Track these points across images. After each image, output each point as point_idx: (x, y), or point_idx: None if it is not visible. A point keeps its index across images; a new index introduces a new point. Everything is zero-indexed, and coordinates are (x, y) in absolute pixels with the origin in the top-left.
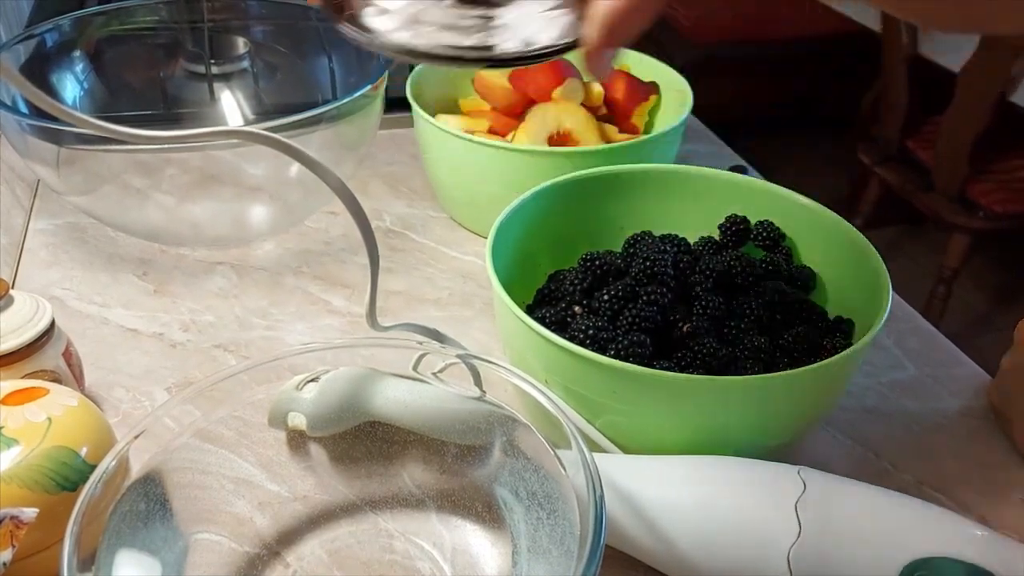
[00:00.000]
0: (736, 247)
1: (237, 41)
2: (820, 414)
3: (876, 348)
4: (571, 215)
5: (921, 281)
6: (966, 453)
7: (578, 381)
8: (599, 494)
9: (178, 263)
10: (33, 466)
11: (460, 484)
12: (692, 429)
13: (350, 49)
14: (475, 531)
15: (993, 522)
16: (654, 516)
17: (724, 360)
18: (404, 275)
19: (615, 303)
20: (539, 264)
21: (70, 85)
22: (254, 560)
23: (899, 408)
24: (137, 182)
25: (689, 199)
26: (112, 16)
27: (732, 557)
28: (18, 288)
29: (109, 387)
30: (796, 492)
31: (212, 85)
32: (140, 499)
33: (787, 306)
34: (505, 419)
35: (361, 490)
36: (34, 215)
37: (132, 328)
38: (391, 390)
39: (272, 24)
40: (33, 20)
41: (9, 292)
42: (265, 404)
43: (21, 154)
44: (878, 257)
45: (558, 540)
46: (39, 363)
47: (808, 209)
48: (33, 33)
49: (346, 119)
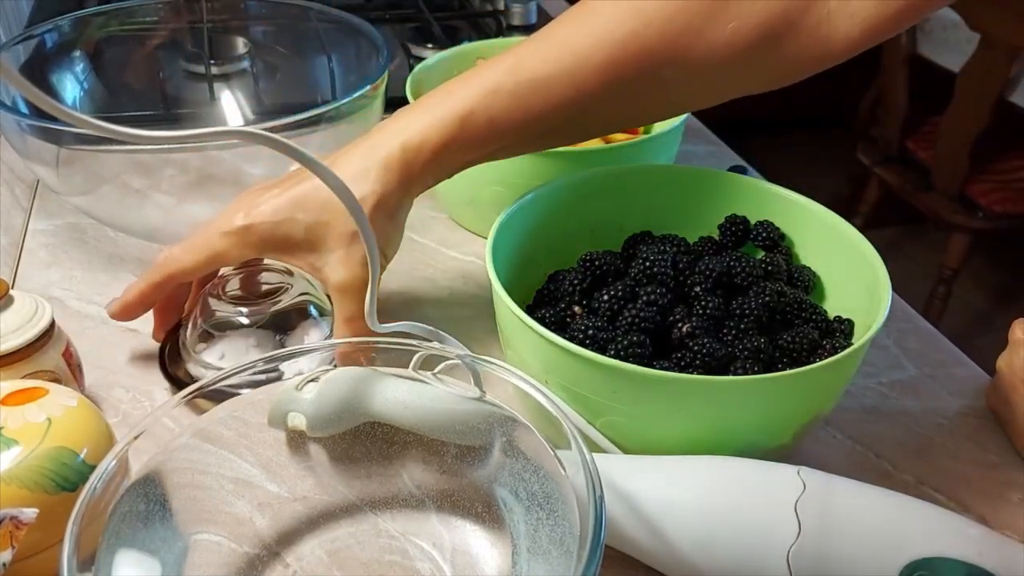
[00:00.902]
0: (736, 247)
1: (237, 41)
2: (820, 414)
3: (876, 348)
4: (571, 215)
5: (921, 281)
6: (966, 453)
7: (578, 381)
8: (599, 494)
9: None
10: (33, 467)
11: (460, 484)
12: (692, 429)
13: (350, 49)
14: (475, 531)
15: (993, 522)
16: (654, 516)
17: (724, 360)
18: (404, 275)
19: (615, 303)
20: (539, 264)
21: (70, 85)
22: (254, 560)
23: (899, 408)
24: (137, 182)
25: (689, 199)
26: (112, 16)
27: (732, 557)
28: (18, 288)
29: (109, 387)
30: (796, 492)
31: (212, 85)
32: (140, 499)
33: (787, 306)
34: (505, 419)
35: (361, 490)
36: (34, 215)
37: (132, 328)
38: (391, 390)
39: (272, 24)
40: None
41: (9, 292)
42: (265, 404)
43: (21, 154)
44: (878, 257)
45: (558, 540)
46: (39, 363)
47: (808, 209)
48: (33, 33)
49: (346, 119)
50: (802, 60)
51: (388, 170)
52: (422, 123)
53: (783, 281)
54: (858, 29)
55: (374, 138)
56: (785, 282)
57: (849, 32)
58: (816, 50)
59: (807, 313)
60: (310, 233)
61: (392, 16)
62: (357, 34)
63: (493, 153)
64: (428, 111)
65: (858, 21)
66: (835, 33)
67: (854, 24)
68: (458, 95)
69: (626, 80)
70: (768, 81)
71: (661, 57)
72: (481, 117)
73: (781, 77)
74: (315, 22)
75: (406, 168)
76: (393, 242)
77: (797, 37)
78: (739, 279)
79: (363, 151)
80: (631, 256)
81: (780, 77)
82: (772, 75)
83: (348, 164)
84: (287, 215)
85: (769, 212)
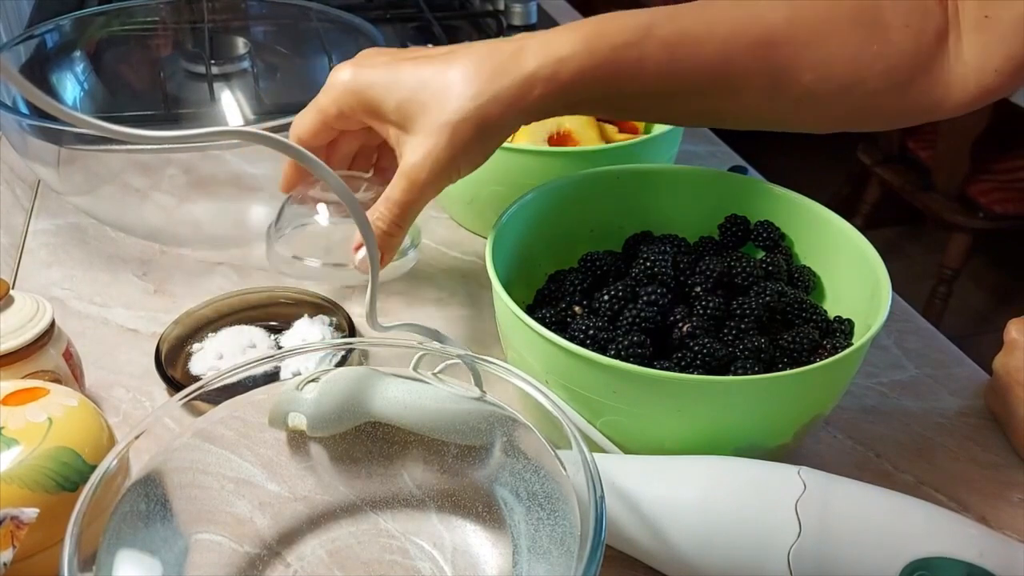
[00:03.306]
0: (736, 247)
1: (237, 41)
2: (820, 414)
3: (876, 348)
4: (571, 215)
5: (921, 281)
6: (966, 453)
7: (578, 381)
8: (599, 494)
9: (178, 263)
10: (34, 466)
11: (460, 484)
12: (692, 429)
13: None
14: (475, 531)
15: (993, 522)
16: (654, 516)
17: (724, 360)
18: (404, 275)
19: (615, 303)
20: (539, 264)
21: (70, 85)
22: (254, 560)
23: (899, 408)
24: (137, 182)
25: (689, 199)
26: (112, 16)
27: (732, 557)
28: (18, 288)
29: (109, 387)
30: (796, 492)
31: (212, 85)
32: (140, 499)
33: (787, 306)
34: (505, 419)
35: (361, 490)
36: (34, 215)
37: (132, 328)
38: (391, 390)
39: (272, 24)
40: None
41: (9, 292)
42: (265, 404)
43: (21, 154)
44: (878, 257)
45: (558, 540)
46: (39, 363)
47: (808, 209)
48: (33, 33)
49: None
50: (923, 105)
51: (508, 79)
52: (570, 41)
53: (783, 281)
54: (972, 79)
55: (505, 45)
56: (785, 282)
57: (965, 82)
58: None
59: (807, 313)
60: (402, 107)
61: (392, 16)
62: (357, 34)
63: (617, 100)
64: (577, 31)
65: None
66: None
67: (968, 74)
68: (614, 24)
69: (771, 67)
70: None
71: (806, 54)
72: (634, 52)
73: (900, 119)
74: (315, 22)
75: (532, 85)
76: (472, 159)
77: (924, 78)
78: (739, 279)
79: (489, 51)
80: (631, 256)
81: (899, 119)
82: (893, 115)
83: (469, 58)
84: (389, 79)
85: (769, 212)
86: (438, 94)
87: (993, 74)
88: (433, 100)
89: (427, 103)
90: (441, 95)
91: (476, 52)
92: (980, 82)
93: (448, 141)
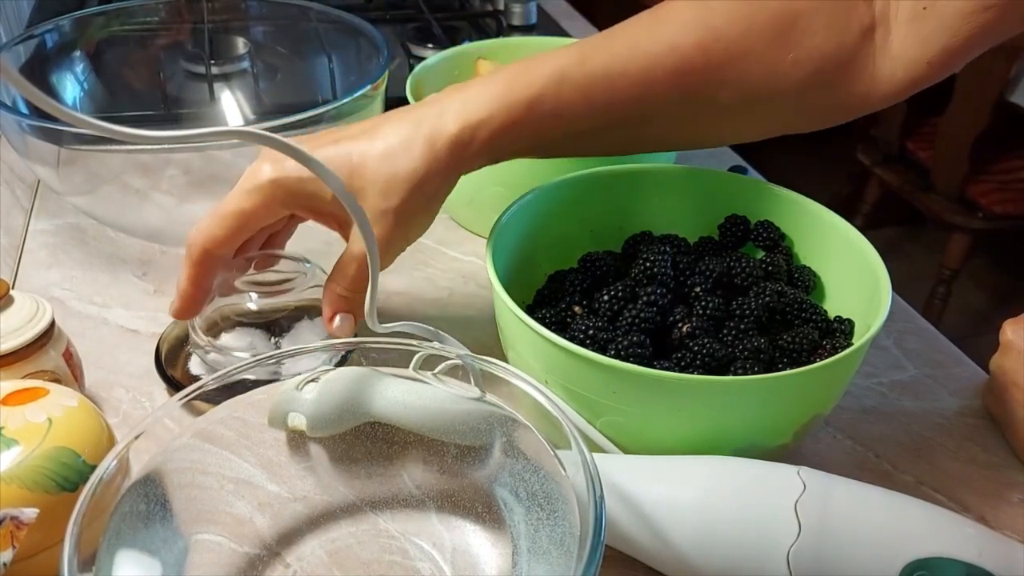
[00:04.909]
0: (736, 247)
1: (237, 41)
2: (820, 414)
3: (876, 348)
4: (571, 215)
5: (921, 281)
6: (966, 453)
7: (578, 381)
8: (599, 494)
9: (178, 263)
10: (33, 467)
11: (460, 484)
12: (692, 429)
13: (350, 49)
14: (475, 531)
15: (993, 522)
16: (654, 516)
17: (724, 360)
18: (404, 275)
19: (615, 303)
20: (539, 264)
21: (70, 85)
22: (254, 560)
23: (899, 408)
24: (137, 182)
25: (689, 199)
26: (112, 16)
27: (732, 557)
28: (18, 288)
29: (109, 387)
30: (796, 492)
31: (212, 85)
32: (140, 500)
33: (787, 306)
34: (505, 419)
35: (361, 490)
36: (34, 215)
37: (132, 328)
38: (391, 391)
39: (272, 24)
40: (33, 20)
41: (9, 292)
42: (265, 404)
43: (21, 154)
44: (878, 257)
45: (558, 540)
46: (39, 363)
47: (808, 209)
48: (33, 33)
49: (346, 119)
50: (849, 102)
51: (435, 148)
52: (485, 102)
53: (783, 281)
54: (901, 72)
55: (424, 111)
56: (785, 282)
57: (893, 74)
58: (862, 89)
59: (807, 313)
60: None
61: (392, 16)
62: (357, 34)
63: (540, 147)
64: (490, 90)
65: (900, 64)
66: (880, 74)
67: (896, 67)
68: (525, 78)
69: (687, 92)
70: (810, 120)
71: (722, 75)
72: (548, 103)
73: (827, 117)
74: (315, 22)
75: (458, 148)
76: (421, 226)
77: (849, 76)
78: (739, 279)
79: (411, 122)
80: (631, 256)
81: (826, 117)
82: (819, 114)
83: (393, 132)
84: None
85: (769, 212)
86: (373, 180)
87: (925, 66)
88: (369, 186)
89: (363, 190)
90: (375, 180)
91: (399, 124)
92: (910, 74)
93: (393, 225)
